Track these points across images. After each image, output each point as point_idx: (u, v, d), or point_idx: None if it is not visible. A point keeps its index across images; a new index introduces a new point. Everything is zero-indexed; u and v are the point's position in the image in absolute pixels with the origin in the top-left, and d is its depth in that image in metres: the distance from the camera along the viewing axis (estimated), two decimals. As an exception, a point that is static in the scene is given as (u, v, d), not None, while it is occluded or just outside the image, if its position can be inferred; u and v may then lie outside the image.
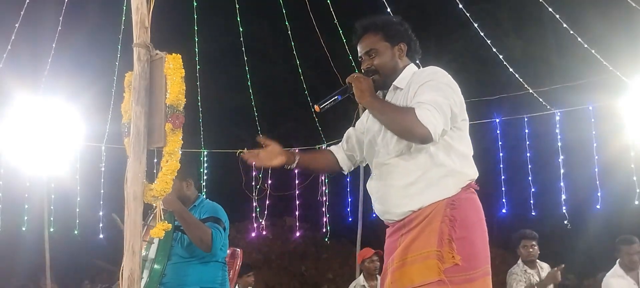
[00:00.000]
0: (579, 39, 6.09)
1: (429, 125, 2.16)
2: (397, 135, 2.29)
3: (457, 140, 2.34)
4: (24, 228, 7.69)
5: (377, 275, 5.71)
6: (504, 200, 7.68)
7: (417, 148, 2.31)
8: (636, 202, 6.43)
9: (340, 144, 2.74)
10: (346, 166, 2.73)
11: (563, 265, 5.40)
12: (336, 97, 2.37)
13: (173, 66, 2.56)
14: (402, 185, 2.33)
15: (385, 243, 2.49)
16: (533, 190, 7.49)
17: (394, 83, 2.45)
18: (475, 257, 2.24)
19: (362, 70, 2.48)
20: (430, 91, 2.25)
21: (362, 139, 2.61)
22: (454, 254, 2.19)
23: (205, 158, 8.51)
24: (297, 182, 8.59)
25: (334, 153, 2.72)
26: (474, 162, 2.42)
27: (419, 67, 2.56)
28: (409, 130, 2.20)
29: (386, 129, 2.35)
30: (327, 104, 2.39)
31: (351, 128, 2.70)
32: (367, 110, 2.47)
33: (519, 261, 5.50)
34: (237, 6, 7.19)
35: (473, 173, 2.38)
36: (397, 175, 2.35)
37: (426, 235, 2.25)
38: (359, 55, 2.52)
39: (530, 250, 5.36)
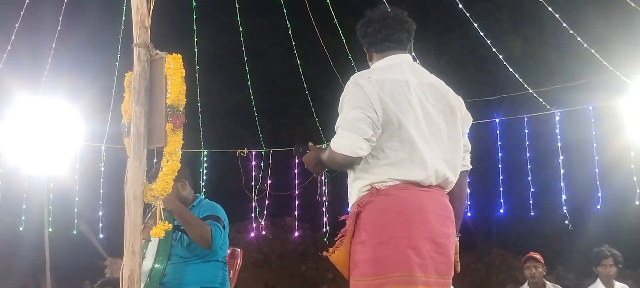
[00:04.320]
0: (579, 39, 6.09)
1: (344, 149, 2.20)
2: (336, 169, 2.45)
3: (384, 141, 2.24)
4: (21, 228, 7.69)
5: None
6: (502, 200, 7.68)
7: None
8: (637, 202, 6.43)
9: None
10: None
11: None
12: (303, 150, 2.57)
13: (173, 66, 2.57)
14: (349, 180, 2.41)
15: None
16: (533, 190, 7.49)
17: None
18: (379, 262, 2.13)
19: None
20: (341, 110, 2.29)
21: None
22: (330, 255, 2.27)
23: (205, 158, 8.50)
24: (297, 182, 8.59)
25: None
26: (421, 162, 2.25)
27: (416, 60, 2.63)
28: (335, 164, 2.33)
29: None
30: (300, 152, 2.59)
31: None
32: None
33: (598, 281, 5.33)
34: (237, 5, 7.19)
35: (392, 175, 2.23)
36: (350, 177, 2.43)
37: (340, 240, 2.31)
38: None
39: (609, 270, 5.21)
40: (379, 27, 2.43)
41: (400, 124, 2.22)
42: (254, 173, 8.46)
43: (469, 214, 7.98)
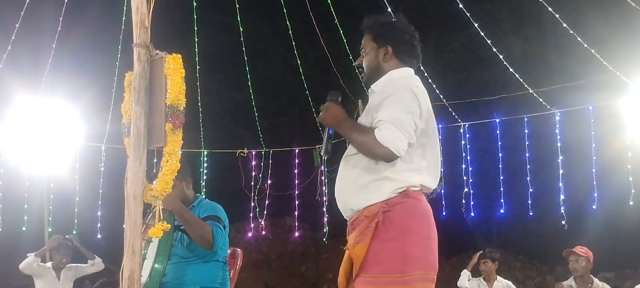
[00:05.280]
0: (579, 39, 6.09)
1: (390, 144, 2.23)
2: (367, 157, 2.35)
3: (411, 153, 2.35)
4: (24, 228, 7.69)
5: None
6: (502, 200, 7.68)
7: (359, 154, 2.39)
8: (631, 203, 6.44)
9: None
10: None
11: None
12: (328, 133, 2.47)
13: (173, 66, 2.57)
14: (348, 182, 2.42)
15: None
16: (531, 190, 7.49)
17: (371, 86, 2.54)
18: (408, 260, 2.26)
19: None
20: (390, 107, 2.30)
21: None
22: (357, 253, 2.27)
23: (205, 158, 8.51)
24: (297, 182, 8.59)
25: None
26: (437, 172, 2.48)
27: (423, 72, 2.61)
28: (372, 152, 2.29)
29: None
30: (329, 146, 2.48)
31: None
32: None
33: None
34: (237, 5, 7.19)
35: (416, 181, 2.37)
36: (348, 170, 2.44)
37: (362, 236, 2.31)
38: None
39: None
40: (409, 38, 2.54)
41: (431, 136, 2.43)
42: (254, 173, 8.47)
43: (472, 214, 7.99)
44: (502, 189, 7.57)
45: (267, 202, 8.61)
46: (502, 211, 7.77)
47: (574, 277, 5.31)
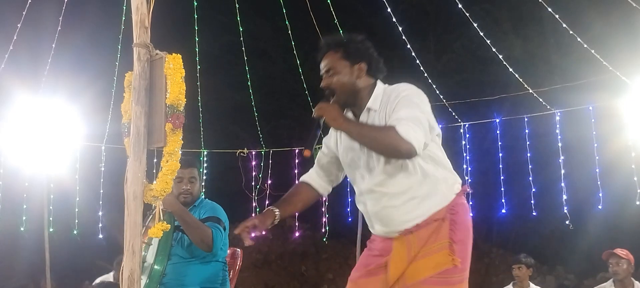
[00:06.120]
0: (579, 39, 6.09)
1: (413, 140, 2.20)
2: (382, 154, 2.32)
3: (435, 149, 2.42)
4: (22, 229, 7.68)
5: None
6: (503, 200, 7.67)
7: (403, 167, 2.35)
8: (637, 203, 6.42)
9: (313, 171, 2.72)
10: (325, 191, 2.73)
11: None
12: (315, 133, 2.35)
13: (173, 66, 2.57)
14: (400, 203, 2.37)
15: (373, 244, 2.53)
16: (534, 190, 7.48)
17: (367, 105, 2.43)
18: (468, 258, 2.38)
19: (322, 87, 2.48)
20: (406, 107, 2.28)
21: (335, 158, 2.61)
22: (454, 257, 2.29)
23: (205, 158, 8.50)
24: (296, 182, 8.58)
25: (311, 184, 2.70)
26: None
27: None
28: (394, 147, 2.23)
29: (369, 149, 2.36)
30: (312, 143, 2.36)
31: (320, 152, 2.69)
32: (334, 131, 2.50)
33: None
34: (237, 5, 7.19)
35: (458, 178, 2.48)
36: (392, 197, 2.38)
37: (434, 236, 2.33)
38: (321, 72, 2.51)
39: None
40: (377, 53, 2.50)
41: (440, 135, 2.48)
42: (254, 173, 8.46)
43: (472, 214, 7.97)
44: (503, 189, 7.56)
45: (267, 202, 8.60)
46: (503, 211, 7.76)
47: (614, 280, 5.10)
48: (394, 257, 2.37)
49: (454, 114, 7.42)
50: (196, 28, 7.23)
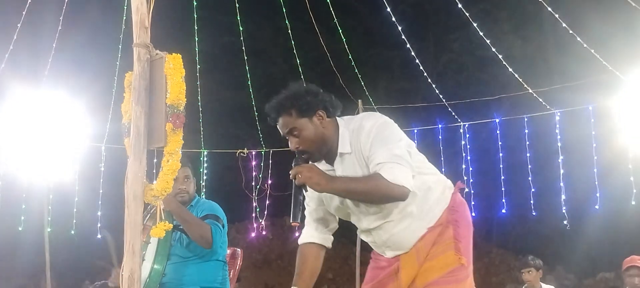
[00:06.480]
0: (579, 39, 6.09)
1: (402, 181, 2.18)
2: (375, 204, 2.32)
3: (420, 161, 2.42)
4: (20, 228, 7.69)
5: None
6: (503, 200, 7.68)
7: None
8: (633, 202, 6.43)
9: (310, 228, 2.64)
10: (329, 242, 2.68)
11: None
12: (299, 200, 2.29)
13: (173, 66, 2.57)
14: (406, 226, 2.38)
15: (382, 256, 2.54)
16: (533, 190, 7.49)
17: (338, 150, 2.34)
18: (471, 254, 2.43)
19: (294, 151, 2.38)
20: (381, 147, 2.23)
21: (324, 206, 2.57)
22: (461, 256, 2.34)
23: (205, 158, 8.50)
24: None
25: (314, 242, 2.65)
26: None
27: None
28: (386, 195, 2.23)
29: (360, 201, 2.34)
30: (298, 212, 2.29)
31: (308, 208, 2.58)
32: None
33: None
34: (237, 5, 7.19)
35: (446, 179, 2.53)
36: (397, 223, 2.38)
37: (439, 239, 2.37)
38: (282, 134, 2.40)
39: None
40: (323, 92, 2.38)
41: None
42: (254, 173, 8.46)
43: (472, 214, 7.97)
44: (503, 189, 7.56)
45: (267, 202, 8.61)
46: (503, 211, 7.77)
47: None
48: (405, 264, 2.40)
49: (453, 114, 7.43)
50: (196, 28, 7.23)
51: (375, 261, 2.55)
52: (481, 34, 6.46)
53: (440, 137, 7.52)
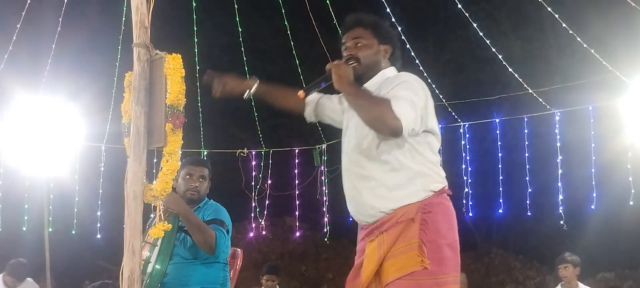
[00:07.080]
0: (579, 39, 6.09)
1: (402, 117, 2.16)
2: (368, 124, 2.25)
3: (424, 145, 2.35)
4: (24, 228, 7.69)
5: None
6: (501, 200, 7.68)
7: (381, 150, 2.30)
8: (631, 203, 6.43)
9: (313, 97, 2.73)
10: (309, 116, 2.81)
11: None
12: (319, 83, 2.42)
13: (173, 66, 2.57)
14: (369, 187, 2.33)
15: (358, 245, 2.49)
16: (530, 190, 7.49)
17: (365, 85, 2.42)
18: (444, 262, 2.23)
19: (343, 57, 2.50)
20: (406, 90, 2.26)
21: (338, 113, 2.65)
22: (423, 258, 2.18)
23: (205, 159, 8.51)
24: (297, 182, 8.59)
25: (307, 102, 2.76)
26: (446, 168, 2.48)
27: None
28: (381, 119, 2.19)
29: (358, 115, 2.30)
30: (311, 89, 2.45)
31: (334, 96, 2.69)
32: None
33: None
34: (237, 5, 7.20)
35: (442, 178, 2.39)
36: (362, 179, 2.35)
37: (402, 237, 2.24)
38: (344, 44, 2.52)
39: None
40: (399, 45, 2.56)
41: (438, 134, 2.41)
42: (254, 173, 8.47)
43: (470, 214, 7.99)
44: (501, 189, 7.57)
45: (267, 202, 8.61)
46: (500, 211, 7.77)
47: None
48: (366, 258, 2.33)
49: (453, 113, 7.43)
50: (196, 28, 7.24)
51: (358, 250, 2.51)
52: (481, 34, 6.46)
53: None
